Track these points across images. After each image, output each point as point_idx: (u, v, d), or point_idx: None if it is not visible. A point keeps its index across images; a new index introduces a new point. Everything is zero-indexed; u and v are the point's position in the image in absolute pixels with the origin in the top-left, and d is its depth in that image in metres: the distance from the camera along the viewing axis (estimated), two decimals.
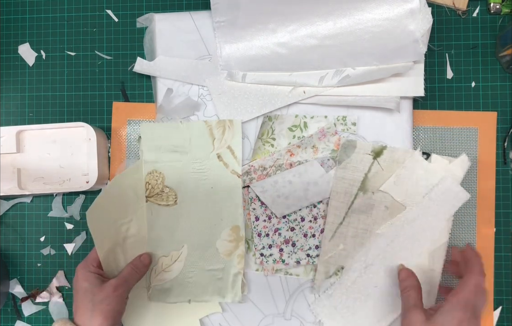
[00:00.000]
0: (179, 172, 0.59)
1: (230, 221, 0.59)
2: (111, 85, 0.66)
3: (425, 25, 0.56)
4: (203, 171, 0.59)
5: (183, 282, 0.60)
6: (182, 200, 0.59)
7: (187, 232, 0.59)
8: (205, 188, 0.59)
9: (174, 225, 0.59)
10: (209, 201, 0.59)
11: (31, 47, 0.67)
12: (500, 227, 0.62)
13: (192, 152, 0.59)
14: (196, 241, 0.60)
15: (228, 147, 0.60)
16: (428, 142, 0.62)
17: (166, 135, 0.59)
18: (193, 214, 0.59)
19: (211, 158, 0.59)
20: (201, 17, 0.63)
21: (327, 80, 0.60)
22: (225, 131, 0.60)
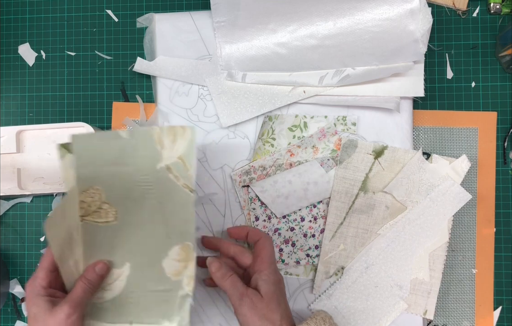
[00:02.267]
0: (121, 187, 0.51)
1: (179, 239, 0.52)
2: (111, 85, 0.66)
3: (425, 25, 0.56)
4: (149, 184, 0.50)
5: (124, 302, 0.53)
6: (123, 216, 0.51)
7: (130, 250, 0.52)
8: (151, 203, 0.51)
9: (115, 243, 0.52)
10: (156, 218, 0.52)
11: (31, 47, 0.67)
12: (500, 227, 0.62)
13: (136, 163, 0.50)
14: (140, 260, 0.53)
15: (179, 157, 0.50)
16: (428, 142, 0.62)
17: (104, 145, 0.49)
18: (137, 231, 0.52)
19: (158, 170, 0.50)
20: (201, 17, 0.63)
21: (327, 80, 0.60)
22: (176, 139, 0.50)
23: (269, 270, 0.51)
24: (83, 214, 0.50)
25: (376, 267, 0.59)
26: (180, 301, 0.53)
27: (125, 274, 0.53)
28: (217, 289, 0.62)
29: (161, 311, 0.54)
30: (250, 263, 0.54)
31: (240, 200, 0.62)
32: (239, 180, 0.62)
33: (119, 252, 0.52)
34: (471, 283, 0.61)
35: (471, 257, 0.61)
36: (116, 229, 0.51)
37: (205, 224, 0.62)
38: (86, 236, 0.51)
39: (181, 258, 0.53)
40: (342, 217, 0.60)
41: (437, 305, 0.60)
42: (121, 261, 0.52)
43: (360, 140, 0.61)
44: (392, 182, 0.59)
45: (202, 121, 0.63)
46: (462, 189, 0.59)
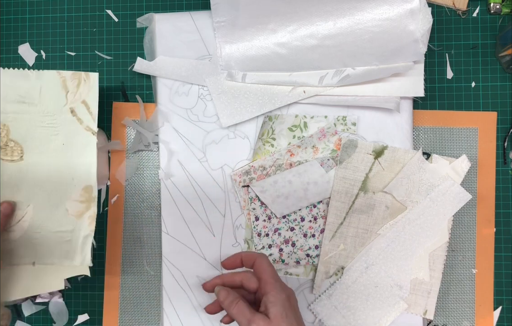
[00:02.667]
0: (27, 125, 0.54)
1: (82, 180, 0.55)
2: (111, 85, 0.66)
3: (425, 25, 0.56)
4: (54, 125, 0.54)
5: (27, 243, 0.55)
6: (29, 155, 0.54)
7: (34, 190, 0.54)
8: (56, 144, 0.54)
9: (19, 183, 0.54)
10: (60, 158, 0.55)
11: (31, 47, 0.67)
12: (500, 227, 0.62)
13: (42, 104, 0.54)
14: (44, 201, 0.55)
15: (83, 101, 0.55)
16: (428, 142, 0.62)
17: (12, 83, 0.54)
18: (41, 171, 0.54)
19: (63, 112, 0.54)
20: (201, 17, 0.63)
21: (327, 80, 0.60)
22: (80, 84, 0.55)
23: (275, 290, 0.49)
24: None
25: (376, 267, 0.59)
26: (83, 241, 0.56)
27: (29, 215, 0.55)
28: None
29: (64, 251, 0.56)
30: (257, 287, 0.52)
31: (240, 200, 0.62)
32: (239, 180, 0.62)
33: (23, 191, 0.54)
34: (471, 283, 0.61)
35: (471, 257, 0.61)
36: (21, 168, 0.54)
37: (205, 224, 0.62)
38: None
39: (83, 199, 0.55)
40: (342, 217, 0.60)
41: (437, 305, 0.60)
42: (25, 201, 0.55)
43: (360, 140, 0.61)
44: (392, 182, 0.59)
45: (202, 121, 0.63)
46: (462, 189, 0.59)
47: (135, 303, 0.64)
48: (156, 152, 0.64)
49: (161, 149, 0.63)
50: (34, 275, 0.56)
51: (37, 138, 0.54)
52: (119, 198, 0.64)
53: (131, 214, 0.64)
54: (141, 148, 0.64)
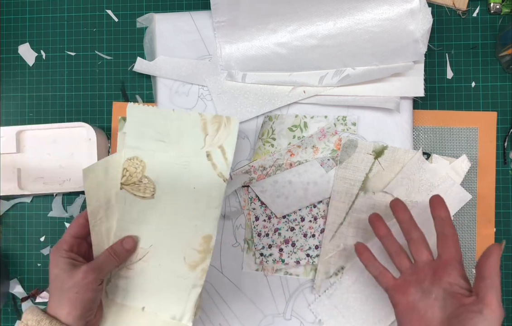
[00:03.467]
0: (162, 164, 0.53)
1: (204, 228, 0.52)
2: (111, 85, 0.66)
3: (425, 25, 0.56)
4: (188, 167, 0.52)
5: (143, 285, 0.53)
6: (160, 194, 0.53)
7: (159, 230, 0.53)
8: (187, 187, 0.52)
9: (147, 220, 0.53)
10: (189, 202, 0.53)
11: (31, 47, 0.67)
12: (500, 227, 0.62)
13: (180, 144, 0.53)
14: (166, 243, 0.53)
15: (220, 146, 0.52)
16: (428, 142, 0.62)
17: (154, 121, 0.52)
18: (169, 212, 0.53)
19: (199, 155, 0.52)
20: (201, 17, 0.63)
21: (327, 80, 0.60)
22: (220, 128, 0.53)
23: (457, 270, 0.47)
24: (124, 182, 0.52)
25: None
26: (190, 293, 0.53)
27: (150, 255, 0.53)
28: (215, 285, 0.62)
29: (174, 301, 0.53)
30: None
31: (240, 200, 0.62)
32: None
33: (149, 230, 0.53)
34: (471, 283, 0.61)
35: (471, 257, 0.61)
36: (151, 205, 0.53)
37: None
38: (123, 205, 0.52)
39: (201, 249, 0.52)
40: (342, 217, 0.60)
41: None
42: (149, 240, 0.53)
43: (360, 140, 0.61)
44: (392, 182, 0.59)
45: None
46: (462, 189, 0.59)
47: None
48: None
49: None
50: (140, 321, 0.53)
51: (170, 178, 0.53)
52: None
53: None
54: None
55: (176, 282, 0.53)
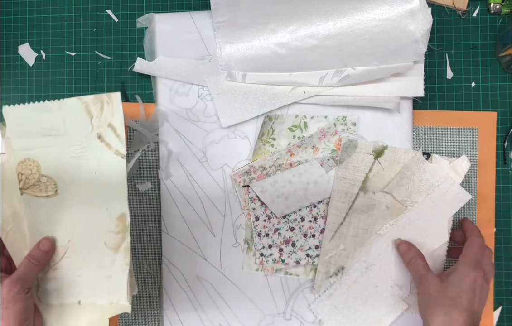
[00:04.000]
0: (57, 158, 0.52)
1: (116, 209, 0.52)
2: (111, 85, 0.66)
3: (425, 25, 0.56)
4: (84, 154, 0.52)
5: (71, 281, 0.53)
6: (63, 189, 0.52)
7: (73, 224, 0.53)
8: (88, 174, 0.52)
9: (57, 218, 0.52)
10: (93, 188, 0.52)
11: (31, 47, 0.67)
12: (500, 227, 0.62)
13: (68, 134, 0.52)
14: (83, 234, 0.53)
15: (109, 125, 0.52)
16: (428, 142, 0.62)
17: (35, 117, 0.51)
18: (77, 204, 0.52)
19: (91, 138, 0.52)
20: (201, 17, 0.63)
21: (327, 80, 0.60)
22: (103, 108, 0.52)
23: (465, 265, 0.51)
24: (22, 187, 0.52)
25: (376, 267, 0.59)
26: (120, 273, 0.53)
27: (71, 250, 0.53)
28: (215, 285, 0.62)
29: (106, 289, 0.53)
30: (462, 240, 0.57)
31: (240, 200, 0.62)
32: (239, 180, 0.62)
33: (62, 226, 0.53)
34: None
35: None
36: (57, 202, 0.52)
37: (205, 224, 0.62)
38: (29, 210, 0.52)
39: (119, 229, 0.53)
40: (342, 217, 0.60)
41: None
42: (65, 236, 0.53)
43: (360, 140, 0.61)
44: (392, 182, 0.59)
45: (202, 121, 0.63)
46: (462, 189, 0.59)
47: (135, 303, 0.64)
48: (156, 152, 0.64)
49: (161, 149, 0.63)
50: (80, 314, 0.54)
51: (68, 169, 0.52)
52: None
53: (131, 214, 0.64)
54: (141, 148, 0.64)
55: (104, 268, 0.53)
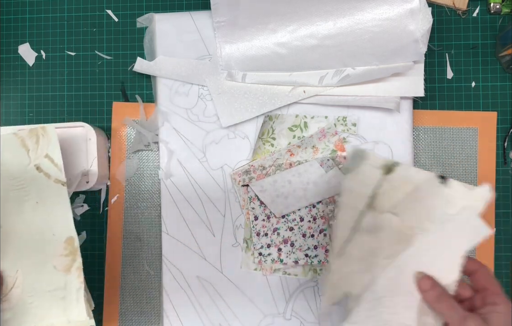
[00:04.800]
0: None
1: (62, 233, 0.54)
2: (111, 85, 0.66)
3: (425, 25, 0.56)
4: (24, 186, 0.54)
5: (24, 309, 0.54)
6: (6, 222, 0.54)
7: (19, 255, 0.54)
8: (30, 204, 0.54)
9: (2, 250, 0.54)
10: (37, 218, 0.54)
11: (31, 47, 0.67)
12: (500, 227, 0.62)
13: (6, 168, 0.54)
14: (31, 263, 0.54)
15: (46, 156, 0.54)
16: (428, 142, 0.62)
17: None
18: (22, 234, 0.54)
19: (29, 171, 0.54)
20: (201, 17, 0.63)
21: (327, 80, 0.60)
22: (39, 140, 0.54)
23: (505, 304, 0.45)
24: None
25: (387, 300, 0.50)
26: (76, 295, 0.54)
27: (20, 280, 0.54)
28: (215, 285, 0.62)
29: (61, 309, 0.54)
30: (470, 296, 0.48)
31: (239, 199, 0.62)
32: (238, 179, 0.62)
33: (8, 258, 0.54)
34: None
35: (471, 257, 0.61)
36: (1, 236, 0.53)
37: (205, 224, 0.62)
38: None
39: (67, 252, 0.54)
40: (349, 233, 0.51)
41: None
42: (13, 266, 0.54)
43: (370, 151, 0.52)
44: (401, 204, 0.50)
45: (202, 121, 0.63)
46: (482, 223, 0.48)
47: (135, 303, 0.64)
48: (156, 152, 0.64)
49: (161, 149, 0.63)
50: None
51: (10, 202, 0.54)
52: (119, 198, 0.64)
53: (131, 214, 0.64)
54: (141, 148, 0.64)
55: (57, 291, 0.54)
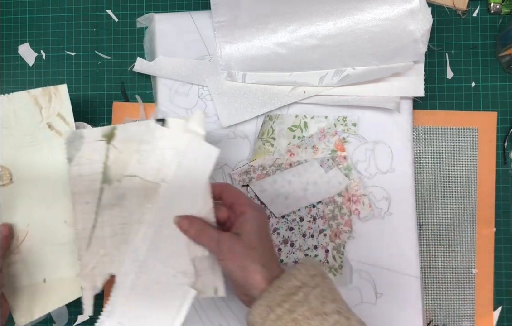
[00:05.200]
0: (11, 148, 0.55)
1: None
2: (111, 85, 0.66)
3: (425, 25, 0.56)
4: (36, 143, 0.56)
5: (34, 261, 0.55)
6: (18, 177, 0.55)
7: (30, 209, 0.55)
8: (42, 160, 0.56)
9: (13, 205, 0.55)
10: (49, 173, 0.56)
11: (31, 47, 0.67)
12: (500, 227, 0.62)
13: (19, 125, 0.56)
14: (41, 217, 0.56)
15: (58, 114, 0.56)
16: (428, 142, 0.62)
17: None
18: (34, 189, 0.56)
19: (41, 128, 0.56)
20: (201, 17, 0.63)
21: (327, 80, 0.60)
22: (51, 99, 0.56)
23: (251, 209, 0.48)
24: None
25: (150, 261, 0.51)
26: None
27: (30, 234, 0.55)
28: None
29: (70, 263, 0.56)
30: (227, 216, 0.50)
31: None
32: (238, 179, 0.62)
33: (20, 212, 0.55)
34: (471, 283, 0.61)
35: (471, 257, 0.61)
36: (13, 190, 0.55)
37: None
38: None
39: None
40: (92, 219, 0.52)
41: (437, 305, 0.60)
42: (24, 221, 0.55)
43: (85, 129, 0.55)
44: (133, 162, 0.52)
45: None
46: (209, 145, 0.51)
47: None
48: None
49: None
50: (47, 291, 0.55)
51: (23, 158, 0.55)
52: None
53: None
54: None
55: (66, 245, 0.55)
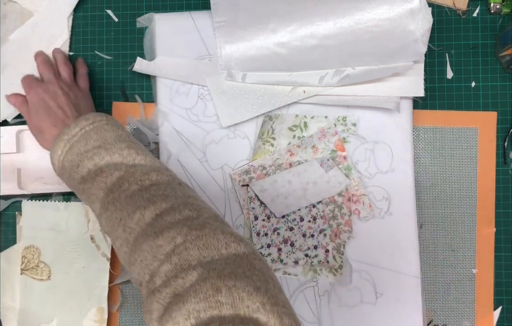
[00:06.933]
0: (55, 250, 0.63)
1: (96, 301, 0.62)
2: (111, 85, 0.66)
3: (425, 25, 0.56)
4: (77, 250, 0.63)
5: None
6: (55, 276, 0.63)
7: (58, 306, 0.62)
8: (78, 267, 0.63)
9: (46, 299, 0.62)
10: (80, 280, 0.63)
11: None
12: (500, 227, 0.62)
13: (68, 231, 0.63)
14: (66, 316, 0.63)
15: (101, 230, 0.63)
16: (428, 142, 0.62)
17: (45, 214, 0.63)
18: (65, 290, 0.63)
19: (85, 239, 0.63)
20: (201, 17, 0.63)
21: (327, 80, 0.60)
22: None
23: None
24: (23, 268, 0.62)
25: None
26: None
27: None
28: None
29: None
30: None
31: (240, 199, 0.62)
32: (238, 179, 0.62)
33: (49, 307, 0.63)
34: (471, 283, 0.61)
35: (471, 257, 0.61)
36: (48, 286, 0.63)
37: None
38: (24, 288, 0.62)
39: (97, 319, 0.62)
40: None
41: (437, 305, 0.60)
42: (50, 316, 0.63)
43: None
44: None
45: (202, 121, 0.63)
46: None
47: (135, 303, 0.64)
48: (156, 152, 0.64)
49: (161, 149, 0.63)
50: None
51: (62, 261, 0.63)
52: None
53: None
54: None
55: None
